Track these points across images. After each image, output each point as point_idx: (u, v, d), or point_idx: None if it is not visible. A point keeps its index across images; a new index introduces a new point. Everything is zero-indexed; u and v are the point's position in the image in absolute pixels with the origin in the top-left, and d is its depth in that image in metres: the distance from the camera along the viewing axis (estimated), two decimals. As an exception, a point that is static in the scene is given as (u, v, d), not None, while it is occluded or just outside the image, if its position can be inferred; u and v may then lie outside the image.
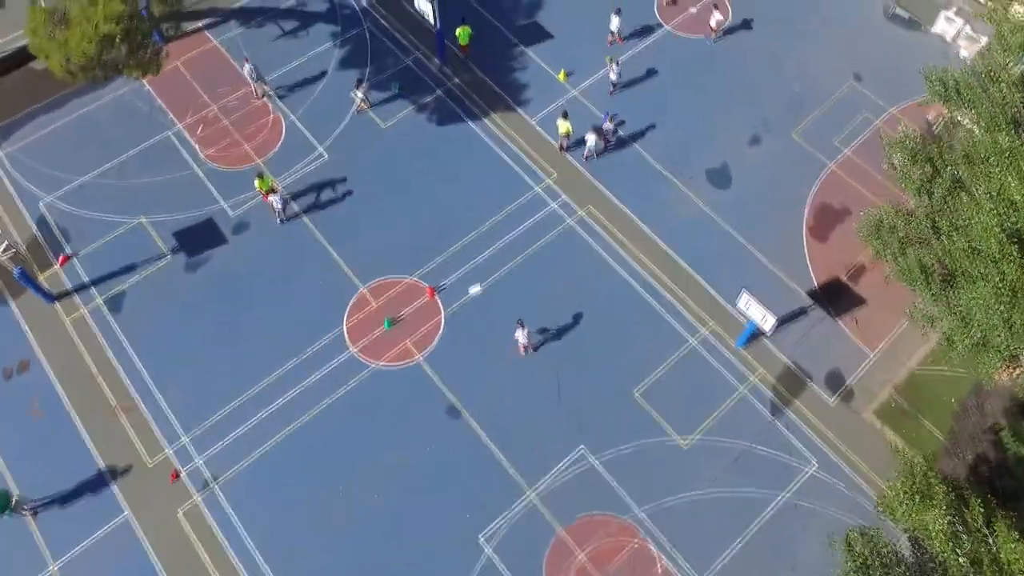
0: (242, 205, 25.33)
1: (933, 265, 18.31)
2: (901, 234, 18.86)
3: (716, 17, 28.64)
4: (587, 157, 26.31)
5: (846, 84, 28.13)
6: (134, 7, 17.88)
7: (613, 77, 27.37)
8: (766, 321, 20.97)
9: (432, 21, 26.95)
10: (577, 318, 23.36)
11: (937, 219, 18.44)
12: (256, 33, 29.46)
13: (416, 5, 27.48)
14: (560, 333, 23.17)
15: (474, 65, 28.57)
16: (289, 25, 29.77)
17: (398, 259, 24.48)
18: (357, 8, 30.16)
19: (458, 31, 27.92)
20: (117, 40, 17.73)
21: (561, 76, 28.18)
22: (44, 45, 19.44)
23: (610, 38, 29.06)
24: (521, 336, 21.98)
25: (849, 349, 23.06)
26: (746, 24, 29.67)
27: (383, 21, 29.86)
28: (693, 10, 30.12)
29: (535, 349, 22.90)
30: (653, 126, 27.09)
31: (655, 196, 25.66)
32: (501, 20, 29.86)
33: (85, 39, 17.17)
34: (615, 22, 28.57)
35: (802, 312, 23.60)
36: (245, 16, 30.01)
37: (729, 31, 29.50)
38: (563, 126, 25.69)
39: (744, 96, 27.81)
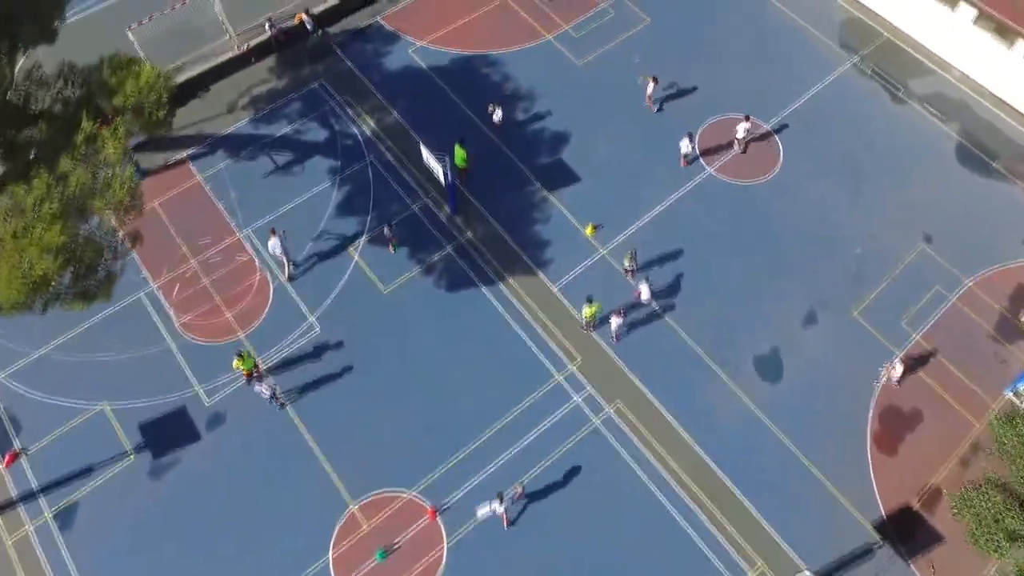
0: (219, 391, 22.03)
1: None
2: (1010, 526, 15.47)
3: (743, 126, 25.66)
4: (616, 337, 23.04)
5: (915, 248, 24.55)
6: (75, 231, 14.71)
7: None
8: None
9: (442, 181, 23.87)
10: (603, 553, 19.86)
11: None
12: (245, 168, 26.23)
13: (424, 160, 24.36)
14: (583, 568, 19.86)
15: (489, 214, 25.15)
16: (283, 157, 26.55)
17: (396, 465, 20.95)
18: (360, 138, 26.99)
19: (455, 149, 24.85)
20: (54, 279, 14.59)
21: (588, 230, 24.76)
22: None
23: (684, 161, 26.05)
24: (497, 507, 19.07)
25: (926, 605, 19.55)
26: (797, 168, 26.16)
27: (388, 155, 26.57)
28: (737, 148, 26.77)
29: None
30: (691, 295, 23.59)
31: (694, 390, 22.11)
32: (521, 155, 26.46)
33: (14, 283, 13.98)
34: (686, 145, 25.54)
35: (868, 552, 20.08)
36: (234, 145, 26.77)
37: (778, 176, 26.15)
38: (588, 311, 22.39)
39: (796, 260, 24.25)
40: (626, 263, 23.45)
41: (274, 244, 23.36)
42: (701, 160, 26.27)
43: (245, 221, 24.95)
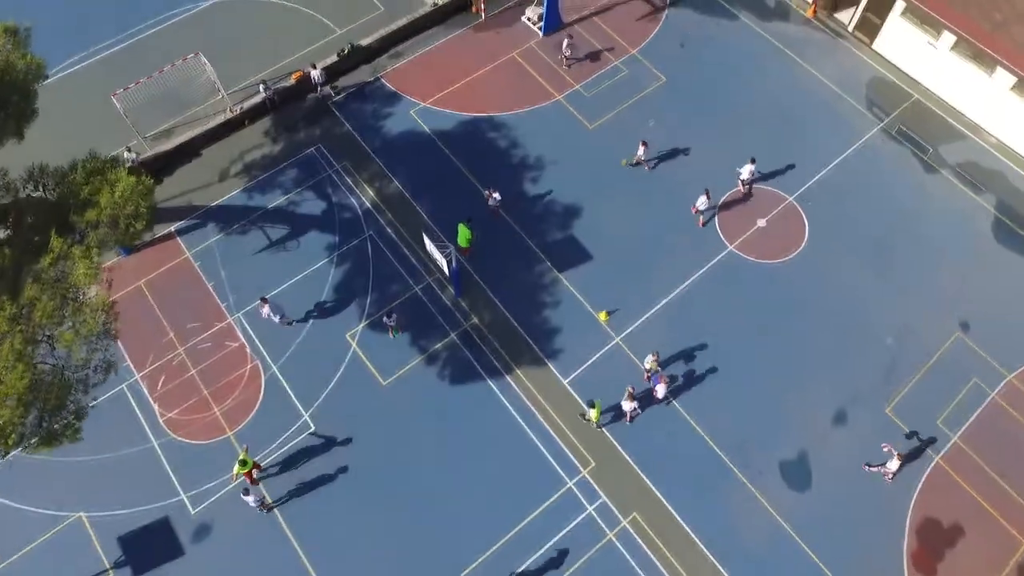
0: (205, 499, 20.45)
1: None
2: None
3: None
4: (630, 419, 21.50)
5: (951, 337, 22.95)
6: (39, 368, 13.19)
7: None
8: None
9: (446, 271, 22.43)
10: None
11: None
12: (237, 243, 24.67)
13: (427, 247, 22.82)
14: None
15: (495, 297, 23.52)
16: (277, 231, 25.03)
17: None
18: (359, 209, 25.49)
19: (459, 228, 23.43)
20: (16, 429, 13.08)
21: (602, 316, 23.24)
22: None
23: (701, 221, 24.77)
24: None
25: None
26: (823, 244, 24.54)
27: (389, 228, 25.03)
28: (762, 223, 25.24)
29: None
30: (711, 391, 21.95)
31: (716, 499, 20.49)
32: (528, 228, 24.85)
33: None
34: (704, 202, 24.35)
35: None
36: (225, 217, 25.26)
37: (803, 254, 24.58)
38: (595, 414, 20.84)
39: (824, 350, 22.61)
40: (648, 364, 21.82)
41: (267, 312, 22.19)
42: (721, 236, 24.75)
43: (236, 304, 23.40)
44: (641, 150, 25.61)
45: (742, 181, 25.41)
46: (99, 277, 14.62)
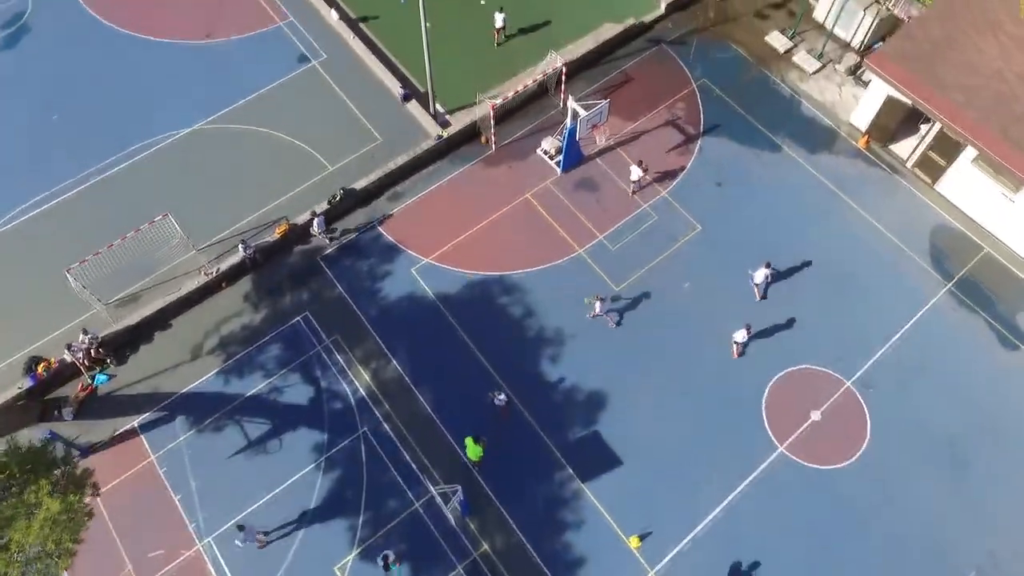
0: None
1: None
2: None
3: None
4: None
5: (1046, 569, 19.76)
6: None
7: None
8: None
9: (452, 521, 19.26)
10: None
11: None
12: (209, 443, 21.26)
13: (434, 496, 19.69)
14: None
15: (509, 516, 20.08)
16: (256, 428, 21.65)
17: None
18: (351, 399, 22.16)
19: (467, 442, 20.21)
20: None
21: (634, 543, 19.82)
22: None
23: (736, 351, 21.88)
24: None
25: None
26: (887, 444, 20.98)
27: (386, 425, 21.60)
28: (816, 416, 21.88)
29: None
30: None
31: None
32: (546, 425, 21.39)
33: None
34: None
35: None
36: (197, 408, 21.79)
37: (865, 457, 20.87)
38: None
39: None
40: None
41: (243, 537, 18.90)
42: (769, 432, 21.30)
43: (207, 526, 20.03)
44: (597, 305, 22.51)
45: (756, 286, 22.96)
46: None
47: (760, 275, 23.18)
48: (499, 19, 28.46)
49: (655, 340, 22.81)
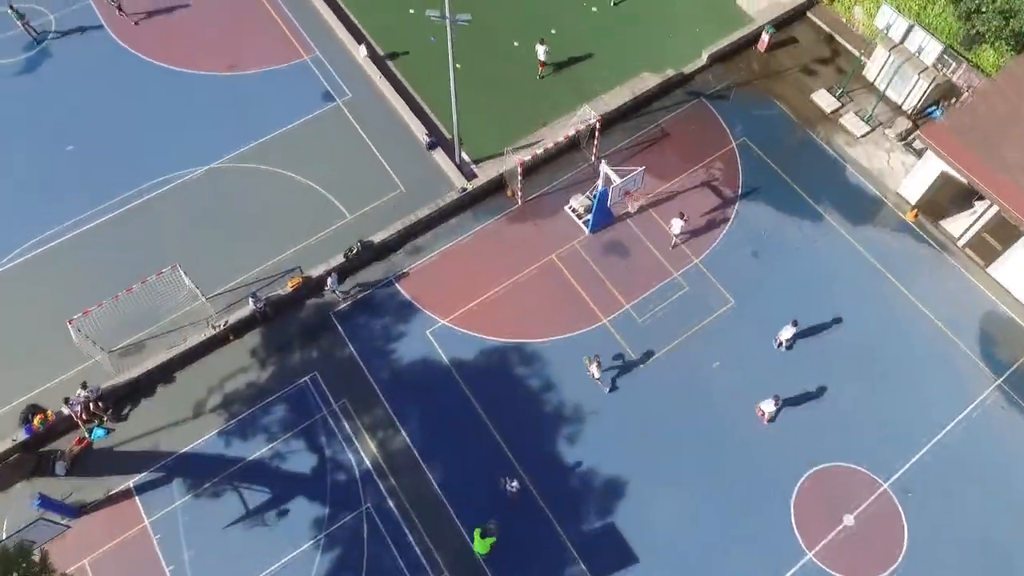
0: None
1: None
2: None
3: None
4: None
5: None
6: None
7: None
8: None
9: None
10: None
11: None
12: (206, 509, 20.21)
13: None
14: None
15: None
16: (255, 496, 20.40)
17: None
18: (356, 470, 21.04)
19: (475, 535, 18.92)
20: None
21: (647, 652, 18.75)
22: None
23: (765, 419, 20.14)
24: None
25: None
26: (927, 558, 19.38)
27: (390, 501, 20.34)
28: (849, 521, 20.34)
29: None
30: None
31: None
32: (561, 514, 20.01)
33: None
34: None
35: None
36: (195, 470, 20.79)
37: (903, 570, 19.45)
38: None
39: None
40: None
41: None
42: (798, 536, 19.78)
43: (198, 604, 19.30)
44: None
45: (782, 343, 22.42)
46: None
47: (788, 333, 22.04)
48: (541, 51, 27.45)
49: (679, 423, 21.46)
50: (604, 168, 22.99)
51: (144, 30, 29.42)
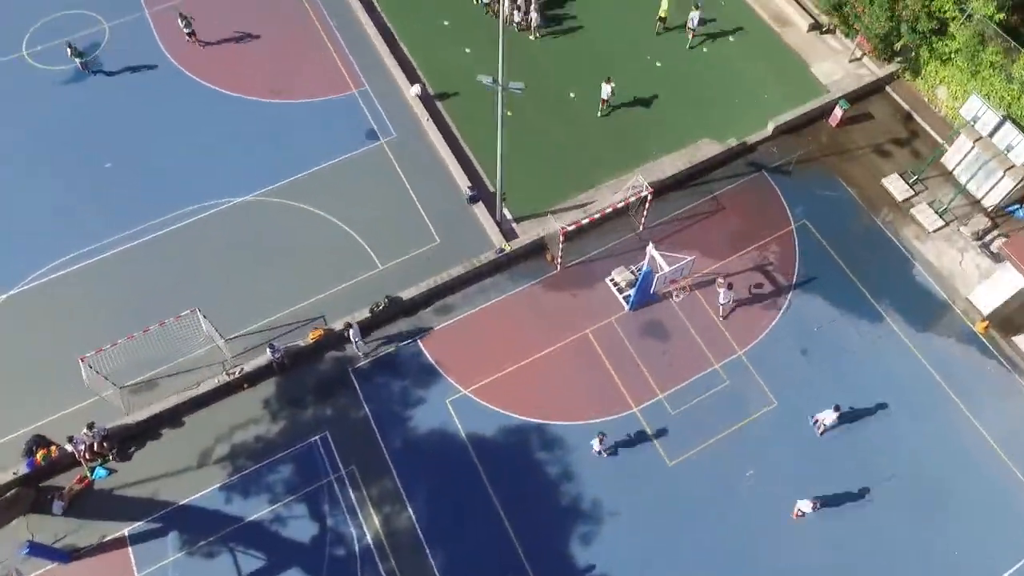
0: None
1: None
2: None
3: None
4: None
5: None
6: None
7: None
8: None
9: None
10: None
11: None
12: (199, 569, 19.12)
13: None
14: None
15: None
16: (250, 562, 19.28)
17: None
18: (356, 546, 19.57)
19: None
20: None
21: None
22: None
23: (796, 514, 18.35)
24: None
25: None
26: None
27: (391, 582, 19.68)
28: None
29: None
30: None
31: None
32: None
33: None
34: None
35: None
36: (192, 526, 19.80)
37: None
38: None
39: None
40: None
41: None
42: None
43: (178, 674, 18.49)
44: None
45: (823, 425, 21.14)
46: None
47: (829, 418, 20.76)
48: (607, 90, 26.42)
49: (704, 536, 19.89)
50: (651, 251, 21.59)
51: (197, 49, 28.93)
